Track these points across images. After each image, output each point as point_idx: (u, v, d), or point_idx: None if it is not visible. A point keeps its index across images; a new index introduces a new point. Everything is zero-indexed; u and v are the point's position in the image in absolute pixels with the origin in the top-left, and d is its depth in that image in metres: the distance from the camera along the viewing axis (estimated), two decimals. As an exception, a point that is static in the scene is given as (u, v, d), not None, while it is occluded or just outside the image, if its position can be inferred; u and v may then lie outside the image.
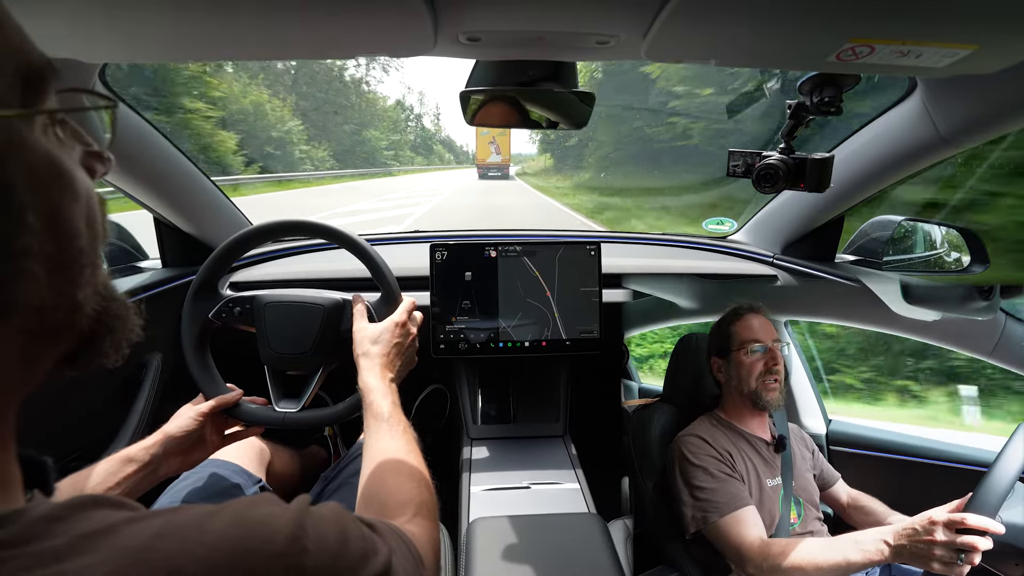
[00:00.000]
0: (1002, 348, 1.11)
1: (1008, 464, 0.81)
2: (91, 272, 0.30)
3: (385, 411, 0.66)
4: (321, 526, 0.33)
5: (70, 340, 0.31)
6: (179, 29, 0.54)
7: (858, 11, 0.50)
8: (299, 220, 0.86)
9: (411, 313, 0.81)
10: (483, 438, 1.25)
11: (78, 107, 0.32)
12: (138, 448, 0.70)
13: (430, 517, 0.55)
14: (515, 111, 0.79)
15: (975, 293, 1.07)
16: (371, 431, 0.65)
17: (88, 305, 0.30)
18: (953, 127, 0.83)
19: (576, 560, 0.82)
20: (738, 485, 0.94)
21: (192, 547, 0.27)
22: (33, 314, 0.27)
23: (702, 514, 0.93)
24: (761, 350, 1.02)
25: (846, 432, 1.33)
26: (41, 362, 0.30)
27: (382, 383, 0.70)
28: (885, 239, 1.22)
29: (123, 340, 0.34)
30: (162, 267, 1.20)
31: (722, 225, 1.59)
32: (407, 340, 0.79)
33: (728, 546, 0.90)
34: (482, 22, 0.57)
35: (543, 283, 1.17)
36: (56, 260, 0.27)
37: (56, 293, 0.28)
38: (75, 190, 0.29)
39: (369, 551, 0.36)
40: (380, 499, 0.57)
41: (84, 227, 0.29)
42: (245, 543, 0.29)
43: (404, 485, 0.58)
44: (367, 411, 0.68)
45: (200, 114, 14.61)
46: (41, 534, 0.25)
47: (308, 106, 31.79)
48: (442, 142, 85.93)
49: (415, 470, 0.60)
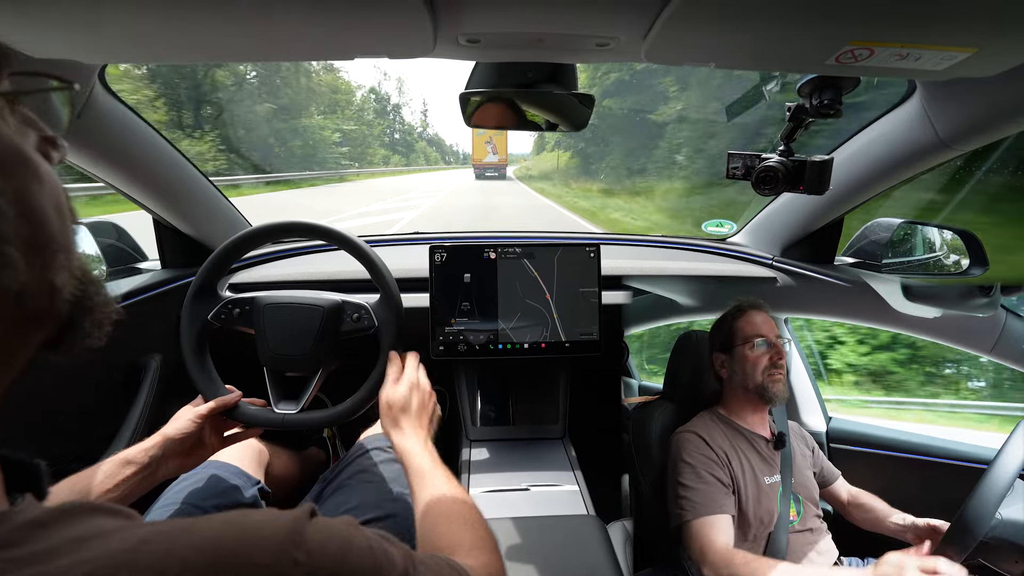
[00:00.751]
0: (1002, 346, 1.11)
1: (1008, 461, 0.81)
2: (65, 257, 0.30)
3: (426, 467, 0.67)
4: (322, 535, 0.32)
5: (50, 325, 0.31)
6: (178, 30, 0.54)
7: (858, 14, 0.50)
8: (298, 221, 0.86)
9: (419, 368, 0.81)
10: (482, 440, 1.25)
11: (34, 88, 0.33)
12: (137, 450, 0.70)
13: (487, 550, 0.55)
14: (515, 113, 0.79)
15: (975, 291, 1.07)
16: (416, 489, 0.66)
17: (66, 289, 0.31)
18: (952, 130, 0.83)
19: (575, 562, 0.82)
20: (721, 492, 0.94)
21: (178, 549, 0.27)
22: (12, 300, 0.27)
23: (679, 511, 0.93)
24: (765, 345, 1.02)
25: (846, 429, 1.33)
26: (21, 350, 0.30)
27: (417, 443, 0.71)
28: (884, 241, 1.22)
29: (104, 320, 0.34)
30: (161, 268, 1.20)
31: (721, 227, 1.59)
32: (428, 399, 0.79)
33: (693, 545, 0.89)
34: (481, 24, 0.57)
35: (542, 285, 1.17)
36: (31, 245, 0.28)
37: (34, 278, 0.28)
38: (39, 175, 0.29)
39: (383, 564, 0.35)
40: (434, 545, 0.56)
41: (53, 212, 0.30)
42: (233, 548, 0.28)
43: (456, 529, 0.58)
44: (408, 473, 0.68)
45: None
46: (24, 539, 0.24)
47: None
48: (429, 140, 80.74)
49: (466, 514, 0.60)
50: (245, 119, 23.15)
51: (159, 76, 16.64)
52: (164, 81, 17.19)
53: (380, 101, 62.26)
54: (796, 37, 0.56)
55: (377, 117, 56.00)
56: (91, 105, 0.81)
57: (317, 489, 0.90)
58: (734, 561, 0.84)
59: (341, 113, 35.30)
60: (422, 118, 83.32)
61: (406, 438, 0.72)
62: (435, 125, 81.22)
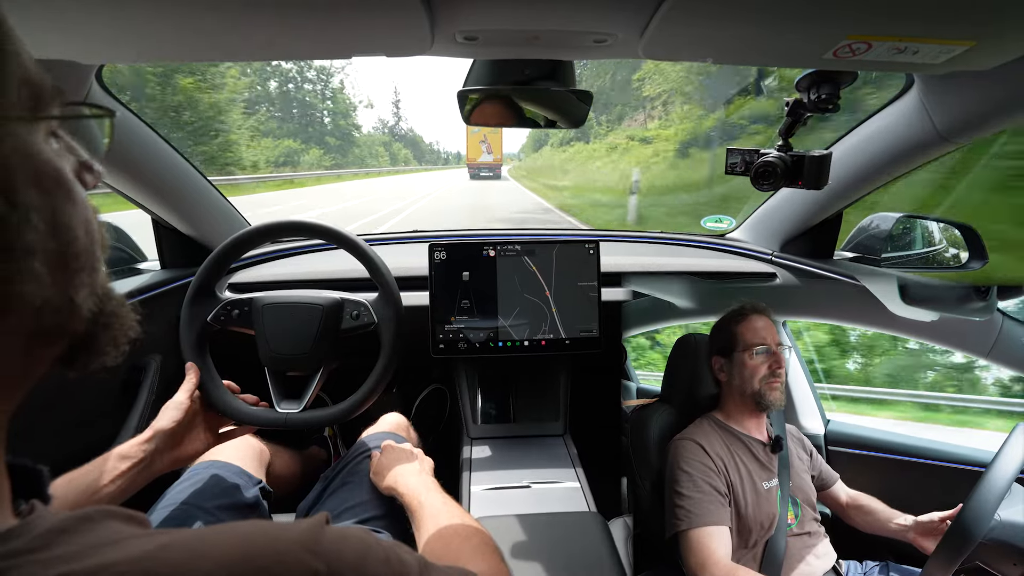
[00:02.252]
0: (999, 348, 1.11)
1: (1005, 464, 0.81)
2: (89, 275, 0.31)
3: (422, 496, 0.72)
4: (339, 544, 0.32)
5: (66, 341, 0.31)
6: (175, 30, 0.54)
7: (855, 8, 0.50)
8: (297, 221, 0.86)
9: (407, 430, 0.94)
10: (483, 437, 1.25)
11: (81, 114, 0.35)
12: (131, 445, 0.70)
13: (491, 554, 0.58)
14: (513, 110, 0.79)
15: (972, 293, 1.07)
16: (414, 517, 0.71)
17: (85, 306, 0.31)
18: (950, 123, 0.83)
19: (577, 559, 0.82)
20: (719, 503, 0.93)
21: (198, 560, 0.27)
22: (32, 314, 0.27)
23: (675, 520, 0.93)
24: (765, 352, 1.02)
25: (844, 432, 1.33)
26: (36, 365, 0.30)
27: (421, 484, 0.76)
28: (884, 235, 1.22)
29: (121, 338, 0.35)
30: (161, 268, 1.20)
31: (721, 223, 1.59)
32: (414, 450, 0.87)
33: (692, 556, 0.89)
34: (479, 21, 0.57)
35: (542, 282, 1.17)
36: (57, 262, 0.28)
37: (56, 294, 0.29)
38: (74, 196, 0.30)
39: (398, 572, 0.35)
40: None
41: (82, 233, 0.31)
42: (254, 558, 0.28)
43: (460, 545, 0.61)
44: (410, 512, 0.73)
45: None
46: (49, 545, 0.25)
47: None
48: (401, 137, 70.19)
49: (466, 529, 0.63)
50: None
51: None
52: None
53: (327, 75, 46.74)
54: (793, 32, 0.56)
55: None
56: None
57: (318, 488, 0.91)
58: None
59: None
60: (396, 112, 76.00)
61: (411, 482, 0.77)
62: (409, 120, 71.66)
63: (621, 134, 20.25)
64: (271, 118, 37.02)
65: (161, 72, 17.48)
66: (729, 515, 0.94)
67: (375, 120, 70.17)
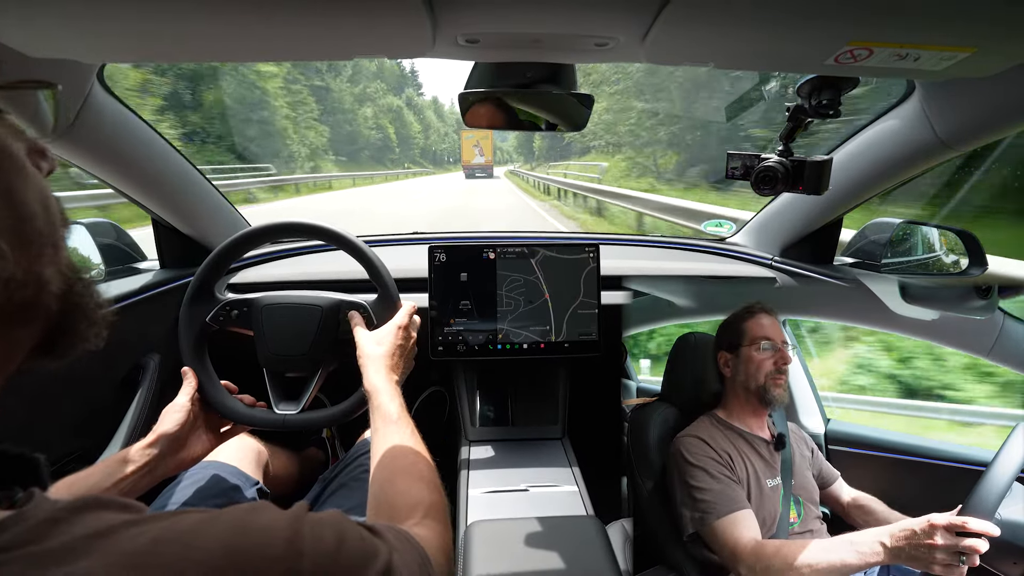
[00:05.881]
0: (1000, 348, 1.11)
1: (1006, 464, 0.81)
2: (53, 251, 0.32)
3: (394, 413, 0.67)
4: (318, 529, 0.34)
5: (39, 320, 0.32)
6: (176, 30, 0.54)
7: (856, 14, 0.50)
8: (297, 221, 0.86)
9: (412, 317, 0.83)
10: (482, 440, 1.25)
11: (18, 83, 0.35)
12: (135, 449, 0.70)
13: (440, 519, 0.56)
14: (513, 113, 0.79)
15: (973, 292, 1.07)
16: (379, 433, 0.66)
17: (53, 283, 0.32)
18: (951, 130, 0.83)
19: (574, 563, 0.81)
20: (736, 488, 0.94)
21: (193, 553, 0.28)
22: (1, 288, 0.28)
23: (700, 515, 0.93)
24: (771, 348, 1.03)
25: (845, 431, 1.33)
26: (14, 349, 0.31)
27: (389, 384, 0.71)
28: (884, 241, 1.22)
29: (97, 319, 0.35)
30: (160, 268, 1.20)
31: (721, 228, 1.59)
32: (409, 343, 0.81)
33: (723, 547, 0.89)
34: (481, 24, 0.57)
35: (542, 285, 1.17)
36: (18, 237, 0.29)
37: (22, 269, 0.29)
38: (25, 172, 0.31)
39: (369, 553, 0.37)
40: (390, 501, 0.57)
41: (39, 208, 0.31)
42: (245, 549, 0.30)
43: (414, 488, 0.58)
44: (375, 413, 0.68)
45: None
46: (44, 536, 0.25)
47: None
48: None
49: (424, 473, 0.61)
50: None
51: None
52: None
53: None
54: (795, 37, 0.56)
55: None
56: (89, 105, 0.81)
57: (317, 489, 0.90)
58: (765, 552, 0.84)
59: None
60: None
61: (377, 375, 0.72)
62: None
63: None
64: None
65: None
66: (747, 494, 0.94)
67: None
